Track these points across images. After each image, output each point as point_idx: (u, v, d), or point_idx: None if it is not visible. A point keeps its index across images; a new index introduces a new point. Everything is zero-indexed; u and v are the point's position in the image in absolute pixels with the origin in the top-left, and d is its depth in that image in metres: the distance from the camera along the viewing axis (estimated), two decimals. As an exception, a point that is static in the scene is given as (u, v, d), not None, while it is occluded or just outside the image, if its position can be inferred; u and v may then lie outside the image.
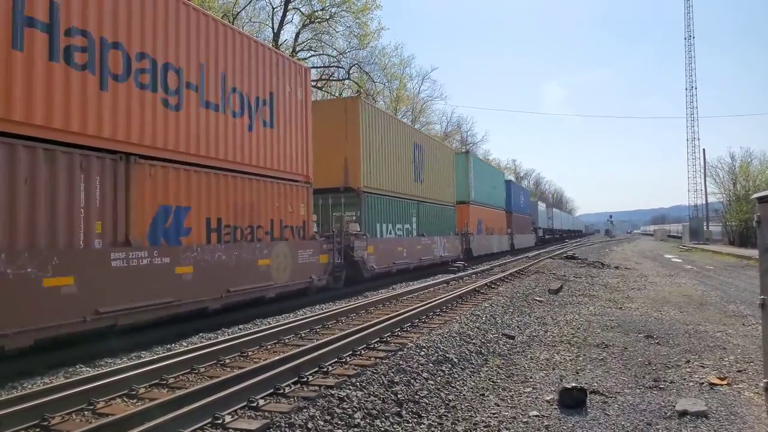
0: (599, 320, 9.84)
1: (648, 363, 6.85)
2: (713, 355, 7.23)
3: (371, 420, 4.60)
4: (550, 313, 10.69)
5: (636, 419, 4.89)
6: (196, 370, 6.13)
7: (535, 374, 6.42)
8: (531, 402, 5.43)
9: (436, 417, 4.94)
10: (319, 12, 30.77)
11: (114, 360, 6.85)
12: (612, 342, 8.04)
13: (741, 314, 10.47)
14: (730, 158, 49.56)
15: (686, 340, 8.20)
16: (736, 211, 44.38)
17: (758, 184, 43.34)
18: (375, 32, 32.81)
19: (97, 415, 4.73)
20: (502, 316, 9.75)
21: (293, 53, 30.93)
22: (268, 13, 31.64)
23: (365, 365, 6.12)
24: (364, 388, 5.21)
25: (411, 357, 6.36)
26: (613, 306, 11.69)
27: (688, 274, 19.80)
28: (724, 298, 12.95)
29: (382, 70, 38.22)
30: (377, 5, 30.89)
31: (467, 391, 5.75)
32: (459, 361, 6.65)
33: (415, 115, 48.33)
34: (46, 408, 4.58)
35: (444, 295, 11.75)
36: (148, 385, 5.51)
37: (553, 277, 17.09)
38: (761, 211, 4.69)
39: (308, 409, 4.57)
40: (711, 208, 52.90)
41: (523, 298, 12.19)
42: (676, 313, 10.66)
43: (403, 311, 9.45)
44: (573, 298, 13.05)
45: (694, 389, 5.78)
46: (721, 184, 50.04)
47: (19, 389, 5.60)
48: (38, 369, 6.34)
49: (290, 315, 10.38)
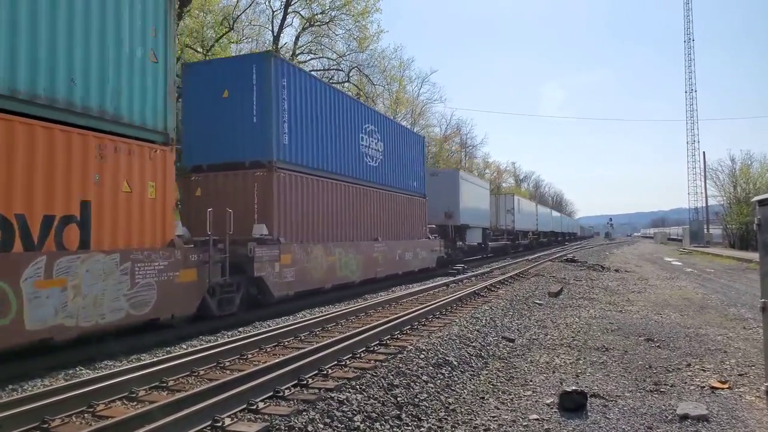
0: (599, 323, 9.83)
1: (649, 366, 6.84)
2: (714, 359, 7.21)
3: (371, 423, 4.60)
4: (550, 316, 10.68)
5: (637, 423, 4.88)
6: (196, 372, 6.12)
7: (535, 377, 6.41)
8: (531, 405, 5.41)
9: (435, 420, 4.93)
10: (318, 15, 30.81)
11: (114, 362, 6.84)
12: (612, 345, 8.02)
13: (742, 317, 10.46)
14: (730, 161, 49.74)
15: (687, 343, 8.19)
16: (736, 214, 44.42)
17: (759, 187, 43.38)
18: (374, 35, 32.83)
19: (97, 418, 4.72)
20: (501, 319, 9.74)
21: (293, 56, 30.97)
22: (267, 17, 31.69)
23: (365, 368, 6.12)
24: (364, 391, 5.20)
25: (411, 360, 6.36)
26: (614, 309, 11.67)
27: (688, 277, 19.78)
28: (724, 301, 12.93)
29: (382, 72, 38.25)
30: (377, 8, 30.92)
31: (467, 395, 5.74)
32: (459, 364, 6.64)
33: (414, 117, 48.39)
34: (46, 410, 4.58)
35: (443, 298, 11.74)
36: (148, 388, 5.51)
37: (553, 280, 17.09)
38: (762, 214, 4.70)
39: (308, 412, 4.57)
40: (711, 210, 52.93)
41: (523, 300, 12.17)
42: (677, 317, 10.65)
43: (403, 314, 9.44)
44: (573, 301, 13.04)
45: (695, 393, 5.77)
46: (722, 187, 50.17)
47: (20, 391, 5.59)
48: (38, 371, 6.33)
49: (290, 318, 10.37)
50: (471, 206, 26.64)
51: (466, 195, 26.04)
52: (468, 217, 25.97)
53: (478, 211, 28.51)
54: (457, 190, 24.85)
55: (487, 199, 32.32)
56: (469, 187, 26.97)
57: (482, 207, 29.89)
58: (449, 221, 24.21)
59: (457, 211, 24.56)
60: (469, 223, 26.20)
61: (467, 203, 26.03)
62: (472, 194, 27.24)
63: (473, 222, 27.05)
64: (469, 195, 26.67)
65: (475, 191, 28.57)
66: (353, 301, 12.74)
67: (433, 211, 22.89)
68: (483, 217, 29.84)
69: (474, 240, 28.12)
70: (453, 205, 24.53)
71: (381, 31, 33.67)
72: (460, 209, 24.67)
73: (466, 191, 25.99)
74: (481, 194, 30.30)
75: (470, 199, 26.71)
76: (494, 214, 35.29)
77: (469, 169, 61.25)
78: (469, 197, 26.47)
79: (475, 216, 27.64)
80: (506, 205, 37.73)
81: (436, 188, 23.37)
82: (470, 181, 28.12)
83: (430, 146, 52.25)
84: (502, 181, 79.60)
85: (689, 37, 62.47)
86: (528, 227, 43.56)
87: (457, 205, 24.58)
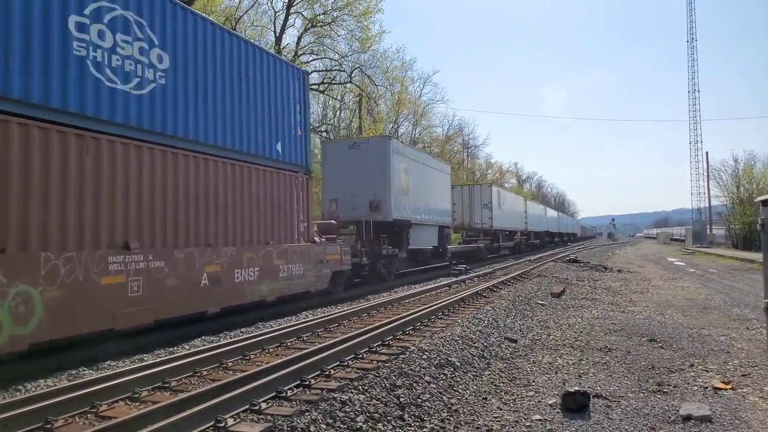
0: (602, 324, 9.81)
1: (651, 367, 6.82)
2: (717, 359, 7.19)
3: (374, 423, 4.59)
4: (553, 317, 10.67)
5: (640, 423, 4.87)
6: (199, 373, 6.13)
7: (537, 378, 6.40)
8: (534, 406, 5.41)
9: (438, 421, 4.93)
10: (321, 16, 30.85)
11: (116, 363, 6.86)
12: (615, 346, 8.01)
13: (745, 318, 10.43)
14: (733, 161, 49.72)
15: (690, 343, 8.16)
16: (739, 214, 44.36)
17: (762, 187, 43.30)
18: (377, 36, 32.83)
19: (100, 418, 4.74)
20: (504, 320, 9.73)
21: (295, 57, 31.01)
22: (270, 17, 31.77)
23: (367, 368, 6.12)
24: (367, 391, 5.20)
25: (413, 360, 6.35)
26: (616, 309, 11.65)
27: (691, 278, 19.73)
28: (727, 301, 12.90)
29: (384, 73, 38.22)
30: (379, 9, 30.94)
31: (470, 395, 5.73)
32: (461, 365, 6.63)
33: (416, 118, 48.40)
34: (49, 411, 4.60)
35: (446, 299, 11.74)
36: (151, 388, 5.52)
37: (555, 281, 17.06)
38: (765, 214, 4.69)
39: (310, 412, 4.57)
40: (714, 211, 52.87)
41: (526, 301, 12.16)
42: (680, 317, 10.62)
43: (405, 314, 9.44)
44: (575, 301, 13.02)
45: (698, 393, 5.75)
46: (725, 187, 50.11)
47: (23, 392, 5.61)
48: (41, 372, 6.35)
49: (292, 318, 10.39)
50: (416, 194, 18.99)
51: (405, 176, 17.99)
52: (408, 210, 18.11)
53: (431, 203, 20.68)
54: (387, 169, 16.56)
55: (447, 187, 23.66)
56: (410, 165, 18.56)
57: (437, 197, 21.68)
58: (376, 215, 16.37)
59: (387, 201, 16.47)
60: (411, 218, 18.36)
61: (408, 189, 18.19)
62: (416, 176, 19.06)
63: (420, 217, 19.40)
64: (412, 177, 18.63)
65: (424, 173, 20.04)
66: (356, 301, 12.75)
67: (351, 201, 16.42)
68: (439, 211, 21.65)
69: (424, 243, 20.31)
70: (381, 191, 16.47)
71: (383, 32, 33.86)
72: (391, 197, 16.62)
73: (403, 170, 17.84)
74: (435, 178, 21.54)
75: (414, 184, 18.77)
76: (467, 208, 29.60)
77: (471, 169, 60.79)
78: (410, 180, 18.44)
79: (425, 209, 19.93)
80: (482, 198, 29.94)
81: (357, 167, 16.64)
82: (412, 158, 19.06)
83: (432, 147, 52.31)
84: (504, 181, 79.50)
85: (692, 38, 62.35)
86: (513, 226, 35.91)
87: (387, 191, 16.53)
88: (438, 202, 21.71)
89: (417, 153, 21.29)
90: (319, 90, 34.47)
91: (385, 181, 16.54)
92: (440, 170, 22.81)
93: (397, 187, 17.13)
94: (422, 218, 19.62)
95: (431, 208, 20.64)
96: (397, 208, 17.01)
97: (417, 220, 19.07)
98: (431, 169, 21.23)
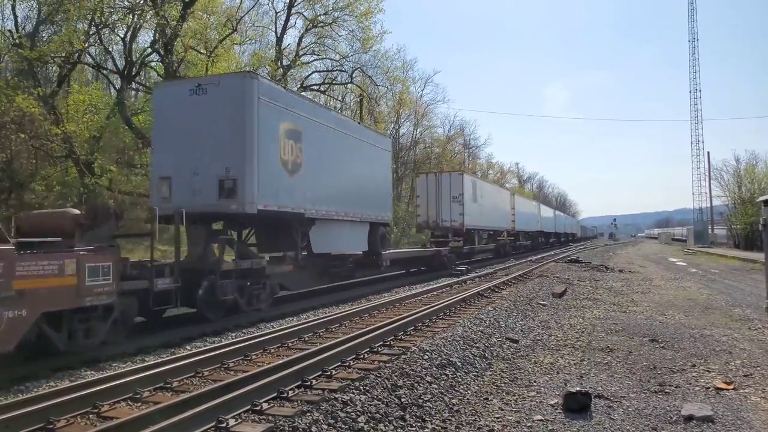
0: (603, 324, 9.80)
1: (653, 367, 6.82)
2: (719, 360, 7.18)
3: (375, 424, 4.60)
4: (554, 317, 10.66)
5: (641, 424, 4.87)
6: (200, 373, 6.14)
7: (539, 378, 6.39)
8: (535, 406, 5.40)
9: (439, 421, 4.93)
10: (322, 16, 30.83)
11: (118, 364, 6.87)
12: (617, 346, 8.00)
13: (747, 318, 10.42)
14: (735, 161, 49.59)
15: (692, 344, 8.15)
16: (741, 214, 44.28)
17: (764, 187, 43.23)
18: (378, 36, 32.75)
19: (102, 419, 4.74)
20: (505, 320, 9.72)
21: (296, 57, 31.02)
22: (271, 18, 31.77)
23: (369, 369, 6.12)
24: (368, 392, 5.20)
25: (414, 361, 6.35)
26: (618, 310, 11.64)
27: (693, 278, 19.71)
28: (729, 301, 12.88)
29: (385, 73, 38.16)
30: (380, 9, 30.82)
31: (471, 395, 5.73)
32: (463, 365, 6.63)
33: (417, 118, 48.41)
34: (51, 411, 4.60)
35: (447, 299, 11.74)
36: (153, 389, 5.52)
37: (556, 281, 17.04)
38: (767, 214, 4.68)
39: (312, 413, 4.57)
40: (716, 211, 52.77)
41: (527, 301, 12.15)
42: (682, 317, 10.61)
43: (406, 315, 9.44)
44: (577, 301, 13.01)
45: (700, 394, 5.75)
46: (726, 187, 50.03)
47: (25, 392, 5.62)
48: (43, 372, 6.36)
49: (293, 319, 10.40)
50: (319, 173, 12.46)
51: (294, 143, 11.39)
52: (300, 198, 11.63)
53: (353, 189, 14.45)
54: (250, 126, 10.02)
55: (386, 168, 17.27)
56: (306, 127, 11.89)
57: (367, 180, 15.35)
58: (230, 203, 9.95)
59: (248, 179, 9.95)
60: (308, 209, 11.91)
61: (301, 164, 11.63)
62: (320, 146, 12.57)
63: (330, 210, 12.99)
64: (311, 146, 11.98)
65: (339, 144, 13.56)
66: (357, 302, 12.75)
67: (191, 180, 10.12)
68: (370, 203, 15.38)
69: (341, 246, 14.22)
70: (237, 162, 9.97)
71: (384, 32, 33.62)
72: (255, 174, 10.04)
73: (288, 133, 11.18)
74: (363, 154, 15.13)
75: (315, 157, 12.19)
76: (433, 202, 24.22)
77: (473, 169, 60.52)
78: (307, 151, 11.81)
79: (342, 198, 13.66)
80: (452, 190, 24.05)
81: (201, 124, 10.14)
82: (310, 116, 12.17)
83: (433, 147, 52.30)
84: (505, 181, 79.46)
85: (693, 37, 62.32)
86: (496, 225, 30.30)
87: (248, 164, 9.96)
88: (369, 189, 15.45)
89: (322, 110, 14.15)
90: (320, 90, 34.48)
91: (243, 146, 9.99)
92: (373, 143, 15.92)
93: (271, 157, 10.65)
94: (334, 211, 13.27)
95: (354, 198, 14.44)
96: (270, 192, 10.54)
97: (324, 214, 12.74)
98: (355, 140, 14.58)
